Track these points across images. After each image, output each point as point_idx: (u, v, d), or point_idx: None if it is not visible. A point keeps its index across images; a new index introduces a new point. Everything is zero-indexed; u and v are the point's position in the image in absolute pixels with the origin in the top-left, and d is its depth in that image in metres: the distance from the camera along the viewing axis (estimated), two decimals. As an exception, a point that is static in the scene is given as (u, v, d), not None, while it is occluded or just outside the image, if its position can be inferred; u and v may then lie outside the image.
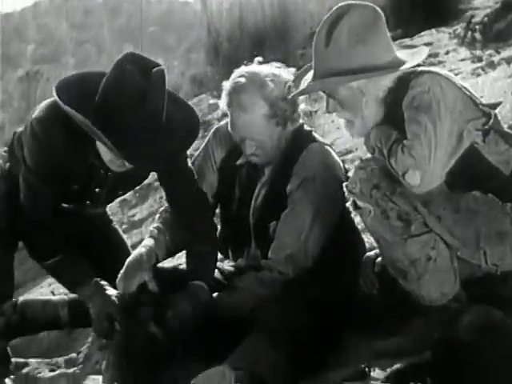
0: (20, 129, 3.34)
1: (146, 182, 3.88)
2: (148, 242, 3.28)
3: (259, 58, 3.31)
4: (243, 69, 3.25)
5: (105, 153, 3.04)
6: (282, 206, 3.21)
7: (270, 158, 3.27)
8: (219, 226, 3.45)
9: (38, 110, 3.15)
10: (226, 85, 3.23)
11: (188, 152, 3.25)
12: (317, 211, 3.17)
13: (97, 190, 3.30)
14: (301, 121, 3.32)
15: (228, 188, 3.39)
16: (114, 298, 3.13)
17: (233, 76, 3.24)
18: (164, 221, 3.35)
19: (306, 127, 3.35)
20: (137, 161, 2.96)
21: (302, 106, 3.29)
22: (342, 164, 3.31)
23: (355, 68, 2.73)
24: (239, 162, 3.35)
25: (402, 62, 2.80)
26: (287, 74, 3.23)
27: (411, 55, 2.86)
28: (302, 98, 3.23)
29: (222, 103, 3.25)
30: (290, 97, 3.07)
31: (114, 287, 3.19)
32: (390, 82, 2.82)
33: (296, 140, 3.28)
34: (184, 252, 3.59)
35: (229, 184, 3.39)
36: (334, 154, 3.31)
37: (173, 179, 3.27)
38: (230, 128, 3.26)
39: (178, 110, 3.08)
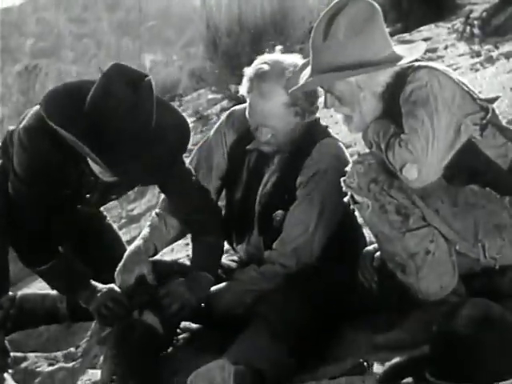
0: (13, 127, 3.33)
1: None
2: (146, 233, 3.28)
3: (280, 47, 3.30)
4: (266, 56, 3.23)
5: (95, 165, 3.02)
6: (290, 196, 3.20)
7: (280, 147, 3.26)
8: (223, 210, 3.43)
9: (26, 118, 3.14)
10: (248, 71, 3.20)
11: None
12: (324, 205, 3.17)
13: (87, 195, 3.29)
14: (318, 115, 3.30)
15: (236, 172, 3.38)
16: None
17: (255, 62, 3.22)
18: (165, 206, 3.34)
19: (322, 122, 3.34)
20: (129, 177, 2.95)
21: (322, 99, 3.27)
22: None
23: (353, 63, 2.73)
24: (249, 146, 3.33)
25: (400, 57, 2.79)
26: None
27: (409, 50, 2.85)
28: (321, 90, 3.21)
29: (243, 89, 3.23)
30: (289, 92, 3.05)
31: (112, 282, 3.19)
32: (388, 77, 2.81)
33: (310, 132, 3.26)
34: (183, 246, 3.59)
35: (237, 168, 3.38)
36: (345, 151, 3.30)
37: (170, 186, 3.26)
38: (247, 114, 3.24)
39: (167, 115, 3.06)
